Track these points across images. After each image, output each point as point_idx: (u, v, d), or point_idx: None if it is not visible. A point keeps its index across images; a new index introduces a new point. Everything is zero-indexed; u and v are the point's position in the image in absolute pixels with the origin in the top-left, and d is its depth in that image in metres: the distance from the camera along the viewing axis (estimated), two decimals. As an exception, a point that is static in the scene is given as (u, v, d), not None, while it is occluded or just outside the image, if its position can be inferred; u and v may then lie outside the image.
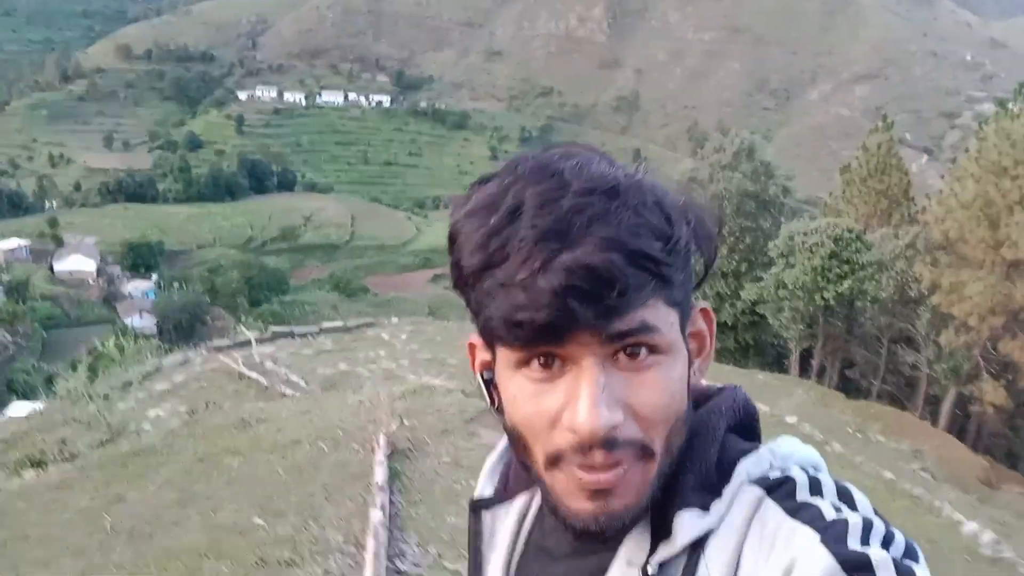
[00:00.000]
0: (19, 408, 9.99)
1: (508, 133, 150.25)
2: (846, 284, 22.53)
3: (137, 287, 66.62)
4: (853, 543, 0.61)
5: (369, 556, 4.90)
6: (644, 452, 0.68)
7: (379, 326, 17.10)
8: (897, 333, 24.84)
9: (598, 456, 0.66)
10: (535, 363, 0.68)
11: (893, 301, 23.77)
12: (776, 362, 27.52)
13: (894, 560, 0.59)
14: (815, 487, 0.70)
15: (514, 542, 0.87)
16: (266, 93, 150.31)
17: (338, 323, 17.14)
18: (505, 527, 0.87)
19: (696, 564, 0.68)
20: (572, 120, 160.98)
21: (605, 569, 0.73)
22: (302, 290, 69.25)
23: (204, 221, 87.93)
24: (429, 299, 66.15)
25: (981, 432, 24.81)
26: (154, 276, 69.29)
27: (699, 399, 0.80)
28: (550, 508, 0.73)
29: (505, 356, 0.70)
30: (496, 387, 0.75)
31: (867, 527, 0.63)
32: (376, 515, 5.37)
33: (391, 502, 5.72)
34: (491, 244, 0.65)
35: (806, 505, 0.67)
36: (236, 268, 61.41)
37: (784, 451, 0.76)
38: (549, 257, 0.62)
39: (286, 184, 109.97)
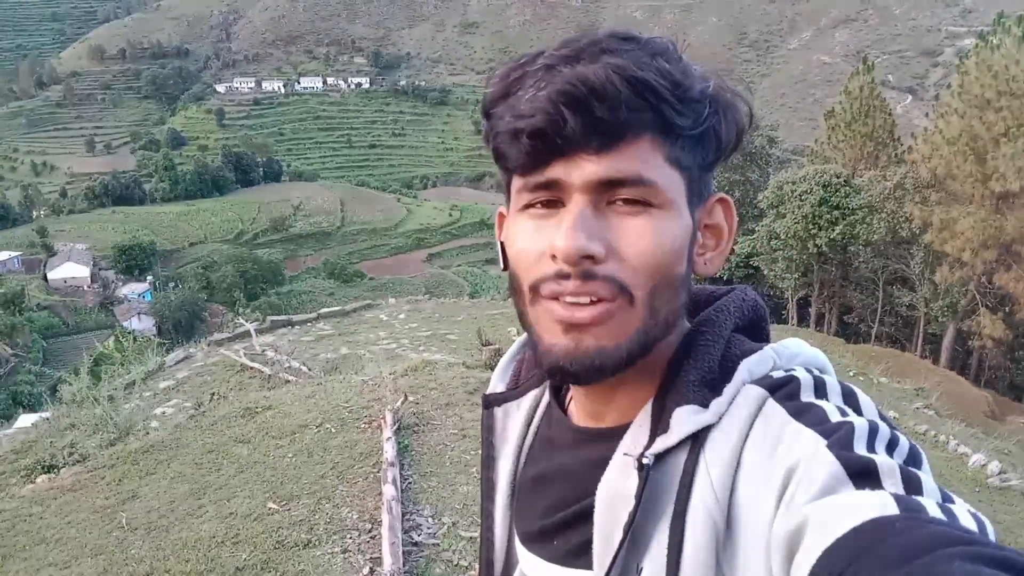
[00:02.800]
0: (26, 420, 9.99)
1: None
2: (838, 229, 22.53)
3: (133, 290, 66.41)
4: (859, 448, 0.60)
5: (385, 531, 4.95)
6: (622, 292, 0.69)
7: (377, 308, 17.10)
8: (892, 275, 24.92)
9: (572, 283, 0.68)
10: (538, 205, 0.71)
11: (886, 243, 23.80)
12: (774, 313, 27.57)
13: (900, 467, 0.58)
14: (820, 388, 0.69)
15: (524, 435, 0.89)
16: (244, 84, 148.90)
17: (336, 308, 17.14)
18: (516, 421, 0.90)
19: (696, 460, 0.68)
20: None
21: (607, 459, 0.74)
22: (297, 280, 69.18)
23: (194, 218, 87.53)
24: (425, 279, 66.11)
25: (982, 366, 24.96)
26: (149, 277, 69.04)
27: (708, 299, 0.82)
28: (532, 348, 0.75)
29: (515, 196, 0.73)
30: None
31: (873, 431, 0.62)
32: (388, 490, 5.42)
33: (402, 477, 5.77)
34: (511, 76, 0.69)
35: (810, 406, 0.66)
36: (230, 263, 61.16)
37: (790, 352, 0.76)
38: (555, 75, 0.66)
39: (272, 175, 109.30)
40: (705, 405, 0.70)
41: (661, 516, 0.69)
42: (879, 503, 0.54)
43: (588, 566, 0.73)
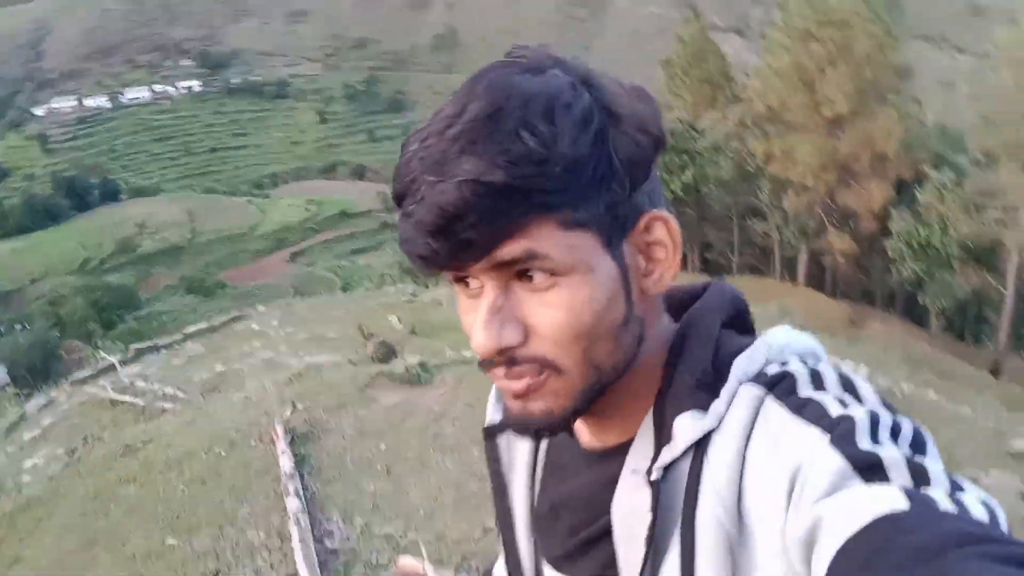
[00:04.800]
0: None
1: (332, 93, 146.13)
2: (688, 173, 23.35)
3: (-25, 338, 61.76)
4: (862, 441, 0.59)
5: (296, 544, 4.82)
6: (546, 366, 0.68)
7: (246, 318, 16.52)
8: (744, 208, 26.12)
9: (499, 370, 0.69)
10: (461, 281, 0.70)
11: (735, 179, 24.87)
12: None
13: (906, 457, 0.58)
14: (817, 380, 0.68)
15: (534, 462, 0.89)
16: (65, 104, 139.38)
17: (202, 325, 16.43)
18: (522, 449, 0.90)
19: (700, 466, 0.68)
20: (395, 67, 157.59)
21: (617, 477, 0.74)
22: (155, 301, 65.80)
23: (31, 253, 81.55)
24: (292, 280, 64.42)
25: (837, 280, 26.61)
26: (-9, 323, 64.31)
27: (684, 300, 0.81)
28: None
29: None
30: None
31: (875, 421, 0.61)
32: (292, 503, 5.27)
33: (304, 487, 5.61)
34: (402, 174, 0.67)
35: (809, 401, 0.65)
36: (79, 294, 57.31)
37: (780, 343, 0.74)
38: (426, 191, 0.64)
39: (110, 195, 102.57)
40: (704, 409, 0.69)
41: (674, 525, 0.69)
42: (888, 498, 0.53)
43: None
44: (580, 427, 0.82)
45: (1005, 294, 21.33)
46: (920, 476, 0.56)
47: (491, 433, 0.92)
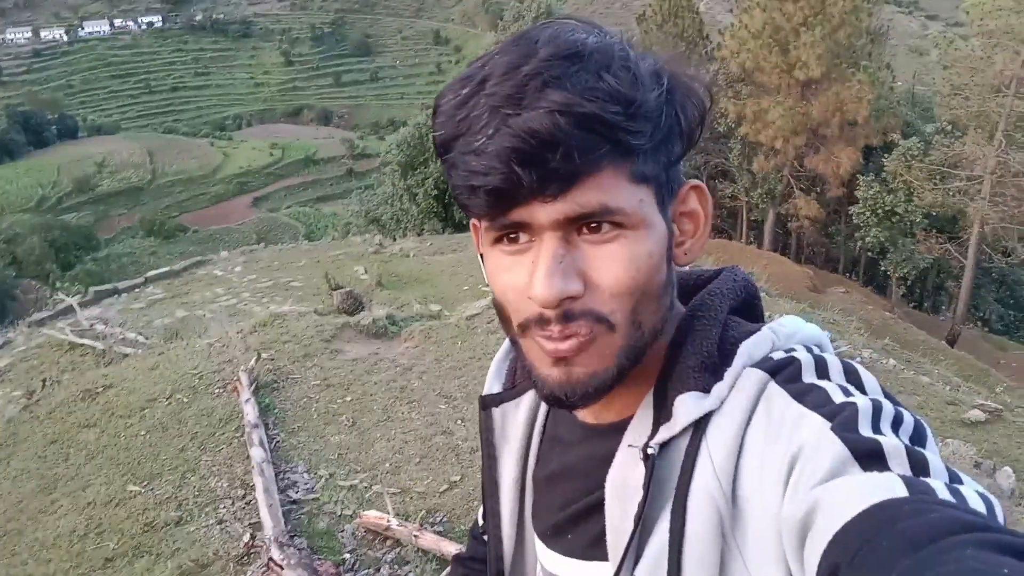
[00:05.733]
0: None
1: (298, 35, 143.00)
2: (660, 131, 23.26)
3: (-73, 275, 60.27)
4: (864, 429, 0.60)
5: (260, 494, 4.80)
6: (602, 323, 0.68)
7: (209, 263, 16.28)
8: (713, 169, 26.19)
9: (556, 327, 0.67)
10: (505, 239, 0.70)
11: (705, 139, 24.86)
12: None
13: (906, 447, 0.58)
14: (821, 368, 0.69)
15: (528, 434, 0.90)
16: (19, 35, 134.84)
17: (164, 268, 16.17)
18: (516, 421, 0.91)
19: (698, 446, 0.68)
20: (363, 10, 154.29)
21: (613, 453, 0.75)
22: (114, 242, 64.73)
23: (-15, 188, 79.65)
24: (254, 225, 63.65)
25: (801, 244, 26.95)
26: (-57, 259, 62.73)
27: (697, 283, 0.82)
28: (527, 374, 0.76)
29: (484, 232, 0.72)
30: None
31: (876, 410, 0.62)
32: (257, 453, 5.23)
33: (269, 437, 5.57)
34: (457, 115, 0.66)
35: (813, 387, 0.66)
36: (35, 233, 55.95)
37: (787, 330, 0.75)
38: (501, 123, 0.63)
39: (68, 131, 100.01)
40: (706, 390, 0.70)
41: (665, 502, 0.69)
42: (887, 485, 0.54)
43: (604, 557, 0.74)
44: None
45: (965, 264, 21.70)
46: (920, 466, 0.57)
47: (487, 404, 0.93)
